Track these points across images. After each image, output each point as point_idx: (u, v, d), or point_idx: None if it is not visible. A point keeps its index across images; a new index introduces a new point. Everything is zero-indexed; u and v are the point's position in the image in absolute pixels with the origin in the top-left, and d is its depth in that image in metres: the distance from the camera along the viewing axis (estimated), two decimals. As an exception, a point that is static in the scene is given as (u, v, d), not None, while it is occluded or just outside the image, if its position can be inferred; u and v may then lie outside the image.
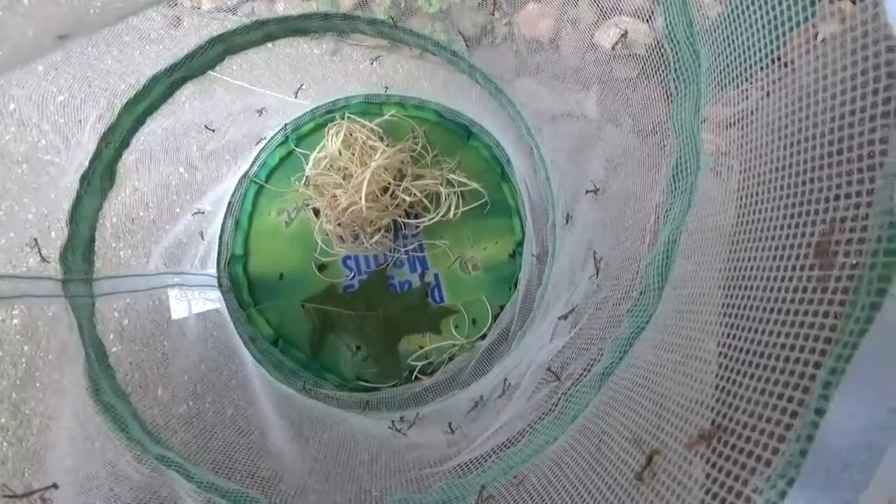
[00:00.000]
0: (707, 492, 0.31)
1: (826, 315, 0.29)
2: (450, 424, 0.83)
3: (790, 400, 0.29)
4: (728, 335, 0.39)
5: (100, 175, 0.80)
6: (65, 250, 0.75)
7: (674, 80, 0.56)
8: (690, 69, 0.54)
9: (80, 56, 0.89)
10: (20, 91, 0.88)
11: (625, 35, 0.71)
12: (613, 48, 0.74)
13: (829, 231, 0.31)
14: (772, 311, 0.35)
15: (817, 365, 0.28)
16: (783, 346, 0.32)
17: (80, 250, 0.78)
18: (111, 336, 0.79)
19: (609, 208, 0.75)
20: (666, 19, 0.55)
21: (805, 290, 0.32)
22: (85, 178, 0.78)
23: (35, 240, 0.72)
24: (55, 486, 0.56)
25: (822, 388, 0.27)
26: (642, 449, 0.40)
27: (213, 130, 1.01)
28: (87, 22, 0.51)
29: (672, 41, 0.55)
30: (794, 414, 0.28)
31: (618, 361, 0.52)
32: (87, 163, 0.78)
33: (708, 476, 0.32)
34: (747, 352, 0.35)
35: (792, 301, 0.32)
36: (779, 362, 0.31)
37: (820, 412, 0.26)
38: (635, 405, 0.46)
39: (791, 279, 0.33)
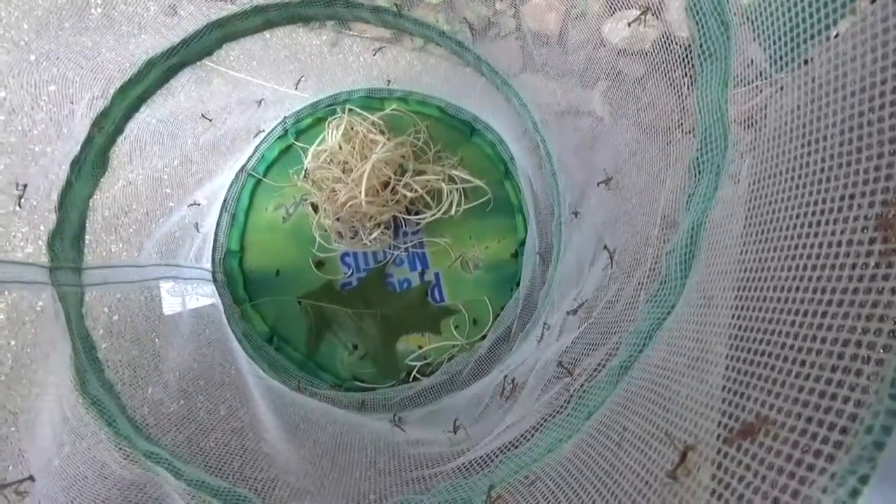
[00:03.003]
0: (756, 491, 0.29)
1: (893, 292, 0.27)
2: (454, 422, 0.80)
3: (853, 388, 0.26)
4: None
5: (92, 161, 0.78)
6: (52, 237, 0.72)
7: (697, 55, 0.53)
8: (718, 42, 0.51)
9: (75, 45, 0.86)
10: (12, 80, 0.85)
11: (644, 13, 0.69)
12: (629, 24, 0.72)
13: (891, 201, 0.29)
14: (816, 290, 0.32)
15: (887, 348, 0.25)
16: (840, 329, 0.29)
17: (68, 238, 0.75)
18: (101, 332, 0.76)
19: (620, 199, 0.73)
20: None
21: (865, 266, 0.29)
22: (76, 164, 0.75)
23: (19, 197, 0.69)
24: (31, 478, 0.54)
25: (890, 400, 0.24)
26: (674, 445, 0.37)
27: (210, 120, 0.99)
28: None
29: (696, 13, 0.52)
30: (858, 403, 0.25)
31: (637, 354, 0.50)
32: (78, 148, 0.75)
33: (756, 474, 0.29)
34: (794, 336, 0.33)
35: (850, 279, 0.30)
36: (835, 346, 0.28)
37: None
38: (660, 399, 0.43)
39: (847, 255, 0.31)
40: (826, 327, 0.30)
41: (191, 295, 1.03)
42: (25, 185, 0.71)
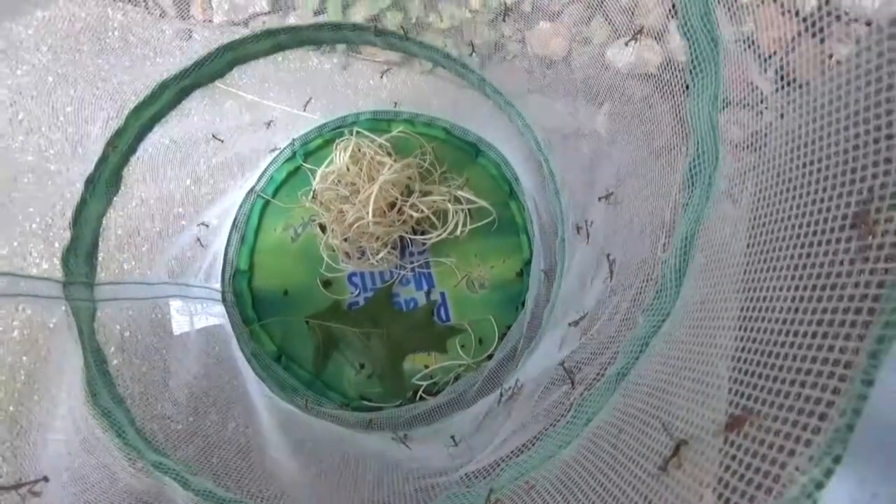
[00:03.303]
0: (741, 478, 0.30)
1: (868, 285, 0.28)
2: (452, 437, 0.81)
3: (830, 376, 0.28)
4: (750, 318, 0.38)
5: (106, 180, 0.80)
6: (67, 252, 0.74)
7: (690, 71, 0.55)
8: (708, 58, 0.53)
9: (91, 67, 0.89)
10: (30, 101, 0.88)
11: (639, 32, 0.71)
12: (626, 43, 0.74)
13: (868, 200, 0.30)
14: (797, 288, 0.34)
15: (860, 337, 0.27)
16: (819, 323, 0.30)
17: (82, 253, 0.77)
18: (112, 348, 0.77)
19: (621, 214, 0.74)
20: (682, 9, 0.55)
21: (842, 262, 0.31)
22: (90, 182, 0.77)
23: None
24: (46, 478, 0.54)
25: (868, 359, 0.26)
26: (671, 435, 0.38)
27: (222, 141, 1.01)
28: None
29: (687, 31, 0.55)
30: (835, 391, 0.27)
31: (633, 361, 0.51)
32: (92, 167, 0.77)
33: (740, 462, 0.31)
34: (774, 332, 0.35)
35: (828, 276, 0.31)
36: (815, 339, 0.30)
37: (867, 383, 0.25)
38: (654, 400, 0.44)
39: (826, 253, 0.32)
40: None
41: (200, 314, 1.04)
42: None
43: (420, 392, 1.08)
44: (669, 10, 0.63)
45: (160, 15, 0.97)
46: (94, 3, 0.89)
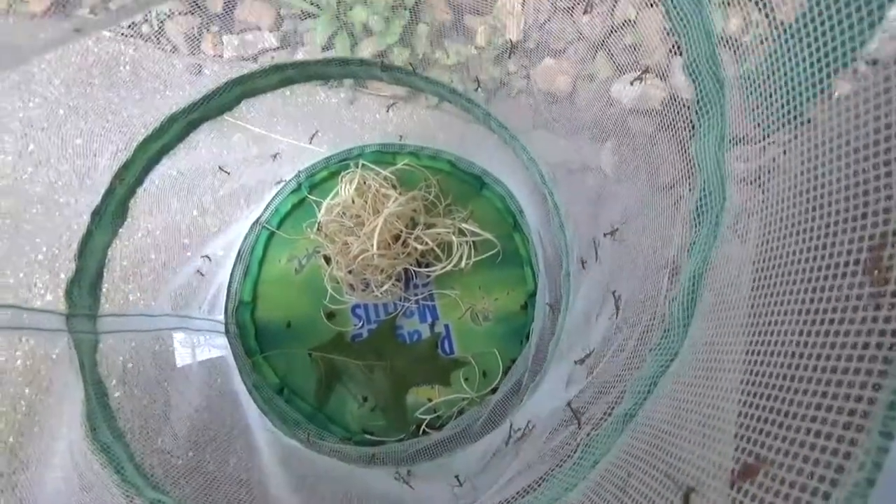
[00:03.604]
0: None
1: (882, 333, 0.28)
2: (457, 476, 0.79)
3: (846, 427, 0.27)
4: (758, 361, 0.38)
5: (112, 211, 0.80)
6: (71, 284, 0.74)
7: (696, 111, 0.56)
8: (713, 98, 0.53)
9: (102, 100, 0.90)
10: (40, 133, 0.89)
11: (645, 72, 0.72)
12: (632, 83, 0.74)
13: (881, 245, 0.30)
14: (806, 333, 0.33)
15: (875, 387, 0.26)
16: (832, 370, 0.30)
17: (86, 286, 0.77)
18: (114, 381, 0.77)
19: (626, 250, 0.74)
20: (687, 51, 0.55)
21: (855, 308, 0.30)
22: (97, 214, 0.77)
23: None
24: None
25: (886, 410, 0.25)
26: (676, 485, 0.37)
27: (228, 173, 1.02)
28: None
29: (693, 71, 0.55)
30: (852, 441, 0.26)
31: (642, 402, 0.50)
32: (99, 198, 0.77)
33: None
34: (782, 377, 0.34)
35: (840, 322, 0.31)
36: (828, 387, 0.30)
37: (887, 435, 0.25)
38: (664, 444, 0.43)
39: (837, 298, 0.32)
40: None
41: (202, 346, 1.04)
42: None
43: (423, 426, 1.07)
44: (672, 47, 0.64)
45: (171, 50, 0.99)
46: (109, 38, 0.91)
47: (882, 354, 0.27)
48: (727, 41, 0.58)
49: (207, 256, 1.07)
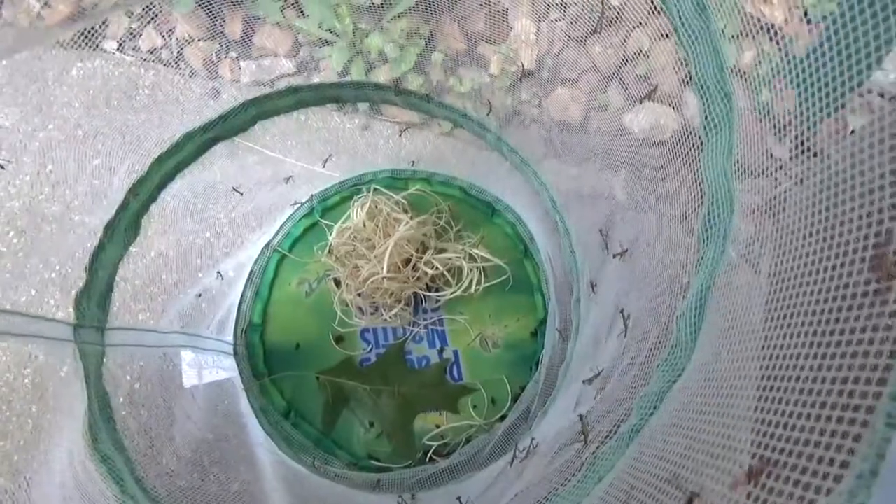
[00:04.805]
0: None
1: (888, 328, 0.28)
2: (459, 498, 0.78)
3: (851, 422, 0.27)
4: (769, 377, 0.37)
5: (124, 226, 0.81)
6: (80, 296, 0.74)
7: (703, 126, 0.56)
8: (721, 113, 0.54)
9: (120, 122, 0.92)
10: (60, 153, 0.90)
11: (654, 90, 0.72)
12: (641, 101, 0.75)
13: (885, 243, 0.30)
14: (815, 333, 0.33)
15: (881, 382, 0.26)
16: (839, 368, 0.30)
17: (95, 298, 0.77)
18: (121, 399, 0.77)
19: (636, 273, 0.74)
20: (694, 67, 0.56)
21: (861, 306, 0.30)
22: (109, 227, 0.78)
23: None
24: None
25: (890, 401, 0.25)
26: (681, 489, 0.37)
27: (242, 194, 1.03)
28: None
29: (701, 88, 0.55)
30: (857, 438, 0.26)
31: (647, 417, 0.49)
32: (113, 213, 0.78)
33: None
34: (792, 379, 0.34)
35: (846, 320, 0.31)
36: (835, 385, 0.30)
37: (892, 426, 0.25)
38: (668, 454, 0.43)
39: (844, 297, 0.32)
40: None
41: (210, 367, 1.04)
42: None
43: (430, 453, 1.05)
44: (685, 77, 0.65)
45: (190, 74, 1.00)
46: (130, 62, 0.93)
47: (887, 349, 0.27)
48: (741, 74, 0.59)
49: (219, 272, 1.07)
